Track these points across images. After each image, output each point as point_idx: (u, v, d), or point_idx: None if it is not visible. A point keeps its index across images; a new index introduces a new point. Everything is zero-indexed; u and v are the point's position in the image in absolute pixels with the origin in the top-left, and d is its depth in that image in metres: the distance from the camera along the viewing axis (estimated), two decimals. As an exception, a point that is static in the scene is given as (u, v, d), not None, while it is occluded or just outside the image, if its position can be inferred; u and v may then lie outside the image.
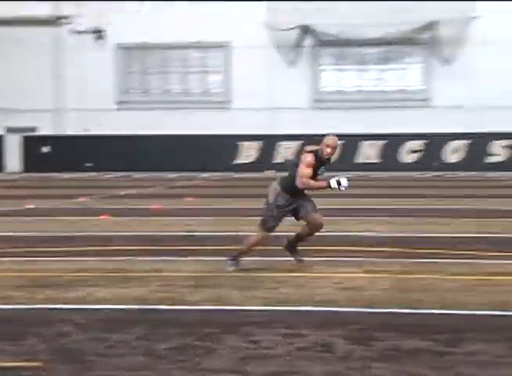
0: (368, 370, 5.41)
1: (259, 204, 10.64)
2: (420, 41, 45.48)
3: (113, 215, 17.49)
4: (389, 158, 44.88)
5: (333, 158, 10.29)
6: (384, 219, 16.34)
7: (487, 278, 9.12)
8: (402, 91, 46.21)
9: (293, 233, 10.19)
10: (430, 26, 44.77)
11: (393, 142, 44.97)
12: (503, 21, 44.07)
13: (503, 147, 44.72)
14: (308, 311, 7.52)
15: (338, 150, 10.67)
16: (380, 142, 45.27)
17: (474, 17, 44.09)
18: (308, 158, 9.81)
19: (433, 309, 7.46)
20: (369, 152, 45.73)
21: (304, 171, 9.76)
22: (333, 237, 12.93)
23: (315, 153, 9.86)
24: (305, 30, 45.10)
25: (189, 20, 43.72)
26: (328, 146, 9.84)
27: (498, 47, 43.92)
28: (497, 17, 43.81)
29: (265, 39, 44.18)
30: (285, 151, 43.55)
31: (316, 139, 11.97)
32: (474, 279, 9.05)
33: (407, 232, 14.07)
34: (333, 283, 8.80)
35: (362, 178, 38.06)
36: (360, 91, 46.80)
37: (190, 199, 22.57)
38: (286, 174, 10.19)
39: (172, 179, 35.59)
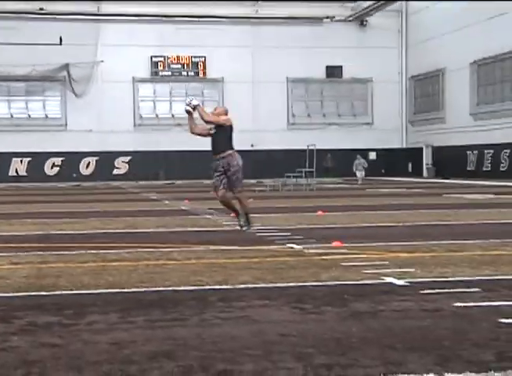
0: (7, 343, 5.24)
1: None
2: (57, 78, 45.14)
3: None
4: (35, 172, 44.04)
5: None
6: (30, 221, 15.92)
7: (108, 264, 9.16)
8: (43, 118, 45.62)
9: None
10: (65, 67, 44.59)
11: (38, 158, 44.22)
12: (121, 65, 45.08)
13: (124, 162, 45.83)
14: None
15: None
16: (27, 159, 44.43)
17: (99, 61, 44.61)
18: None
19: (64, 290, 7.38)
20: (18, 167, 44.68)
21: None
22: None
23: None
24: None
25: None
26: None
27: (118, 84, 44.95)
28: (116, 62, 44.69)
29: None
30: None
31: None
32: (98, 265, 9.06)
33: (47, 230, 13.79)
34: (-18, 275, 8.38)
35: (13, 188, 36.86)
36: (10, 117, 45.55)
37: None
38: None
39: None
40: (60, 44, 42.76)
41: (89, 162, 45.34)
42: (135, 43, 45.30)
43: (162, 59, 46.95)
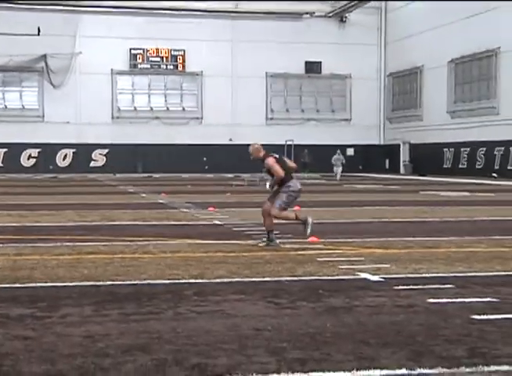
0: (-20, 336, 5.20)
1: None
2: (35, 69, 44.74)
3: None
4: (11, 163, 43.68)
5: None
6: (6, 213, 15.75)
7: (84, 257, 9.11)
8: (20, 109, 45.19)
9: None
10: (42, 58, 44.20)
11: (14, 149, 43.89)
12: (100, 57, 44.79)
13: (102, 155, 45.58)
14: None
15: None
16: (3, 150, 44.13)
17: (78, 52, 44.30)
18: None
19: (38, 282, 7.33)
20: (-6, 158, 44.47)
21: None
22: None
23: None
24: None
25: None
26: None
27: (96, 76, 44.68)
28: (94, 53, 44.40)
29: None
30: None
31: None
32: (73, 258, 9.01)
33: (23, 222, 13.68)
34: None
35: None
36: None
37: None
38: None
39: None
40: (38, 34, 42.34)
41: (66, 154, 45.04)
42: (114, 35, 45.03)
43: (141, 51, 46.70)
